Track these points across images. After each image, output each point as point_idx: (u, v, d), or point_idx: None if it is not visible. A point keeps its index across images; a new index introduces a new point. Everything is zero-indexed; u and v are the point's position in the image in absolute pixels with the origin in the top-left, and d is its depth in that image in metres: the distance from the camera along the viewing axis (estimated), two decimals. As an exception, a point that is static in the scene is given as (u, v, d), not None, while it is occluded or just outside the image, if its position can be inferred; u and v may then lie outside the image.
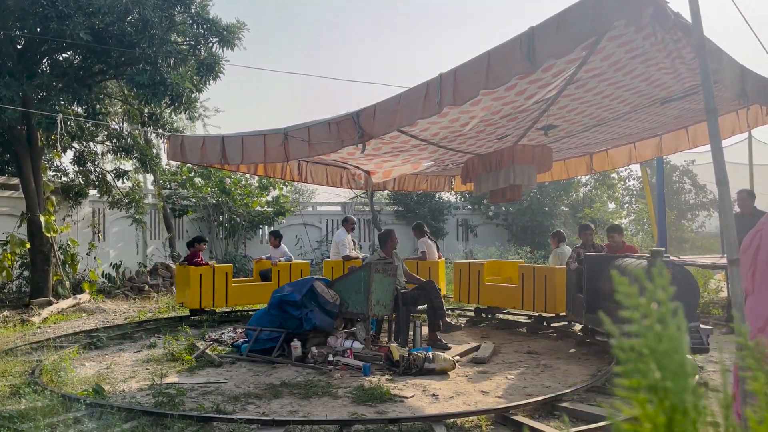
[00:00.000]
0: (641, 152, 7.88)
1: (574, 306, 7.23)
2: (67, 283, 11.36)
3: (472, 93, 4.01)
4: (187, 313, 9.26)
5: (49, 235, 10.48)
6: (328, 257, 17.76)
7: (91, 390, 5.01)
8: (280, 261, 10.03)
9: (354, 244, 10.31)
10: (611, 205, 20.25)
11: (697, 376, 5.85)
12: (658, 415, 0.55)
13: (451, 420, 4.51)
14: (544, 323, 8.17)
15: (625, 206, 20.96)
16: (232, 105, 57.57)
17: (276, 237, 10.77)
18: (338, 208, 19.83)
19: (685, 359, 0.56)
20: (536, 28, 3.75)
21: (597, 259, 6.63)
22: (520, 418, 4.53)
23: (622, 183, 21.04)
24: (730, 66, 4.50)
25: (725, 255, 10.78)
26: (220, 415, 4.54)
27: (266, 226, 18.19)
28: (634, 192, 21.27)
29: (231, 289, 9.06)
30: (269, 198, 17.62)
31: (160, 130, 12.20)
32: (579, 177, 17.89)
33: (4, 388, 5.30)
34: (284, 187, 17.95)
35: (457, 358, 6.49)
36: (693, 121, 6.63)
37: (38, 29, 9.09)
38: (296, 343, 6.67)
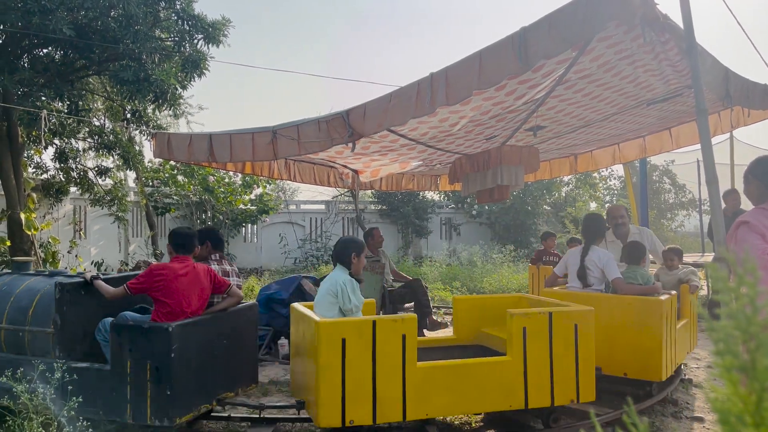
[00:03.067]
0: (625, 153, 7.98)
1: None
2: (48, 282, 11.20)
3: (465, 93, 4.03)
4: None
5: (29, 233, 10.32)
6: (313, 255, 17.86)
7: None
8: None
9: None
10: (593, 204, 20.49)
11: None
12: (748, 394, 0.57)
13: (441, 417, 4.54)
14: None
15: (606, 205, 21.20)
16: (217, 103, 57.20)
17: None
18: (322, 206, 19.81)
19: None
20: (527, 28, 3.77)
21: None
22: (509, 415, 4.57)
23: (604, 182, 21.29)
24: (715, 68, 4.58)
25: (705, 254, 10.91)
26: (211, 413, 4.53)
27: (249, 225, 18.12)
28: (615, 191, 21.55)
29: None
30: (253, 196, 17.55)
31: (143, 127, 12.07)
32: (561, 177, 18.08)
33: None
34: (267, 185, 17.89)
35: (445, 356, 6.52)
36: (677, 122, 6.74)
37: (20, 24, 8.94)
38: (283, 342, 6.66)
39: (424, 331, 7.28)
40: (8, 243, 10.25)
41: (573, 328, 4.23)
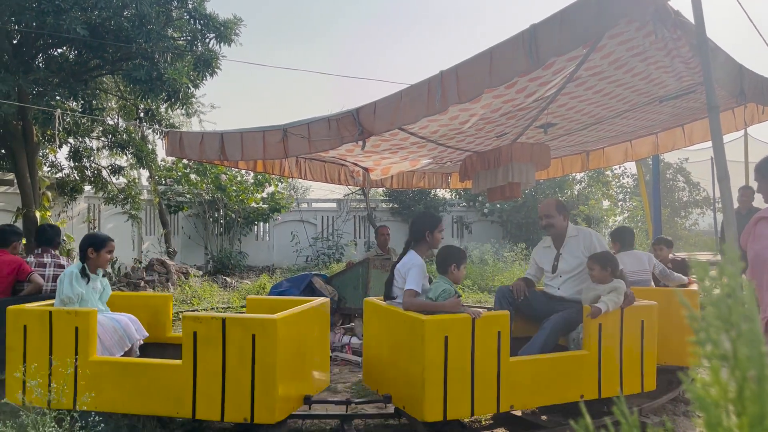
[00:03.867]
0: (637, 150, 7.91)
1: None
2: (63, 279, 11.32)
3: (476, 91, 4.02)
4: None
5: (44, 231, 10.44)
6: (325, 253, 17.92)
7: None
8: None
9: None
10: (605, 203, 20.36)
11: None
12: (729, 382, 0.58)
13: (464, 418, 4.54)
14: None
15: (620, 203, 21.08)
16: (229, 101, 57.40)
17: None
18: (334, 205, 19.86)
19: (757, 329, 0.59)
20: (538, 25, 3.76)
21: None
22: (519, 413, 4.56)
23: (617, 180, 21.14)
24: (728, 65, 4.54)
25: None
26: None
27: (262, 223, 18.20)
28: (628, 189, 21.40)
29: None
30: (264, 194, 17.63)
31: (156, 126, 12.17)
32: (573, 174, 17.98)
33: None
34: (279, 184, 17.98)
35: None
36: (690, 119, 6.67)
37: (34, 24, 9.05)
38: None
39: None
40: (24, 241, 10.37)
41: (251, 339, 3.78)
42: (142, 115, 12.34)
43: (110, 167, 12.82)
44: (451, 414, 3.87)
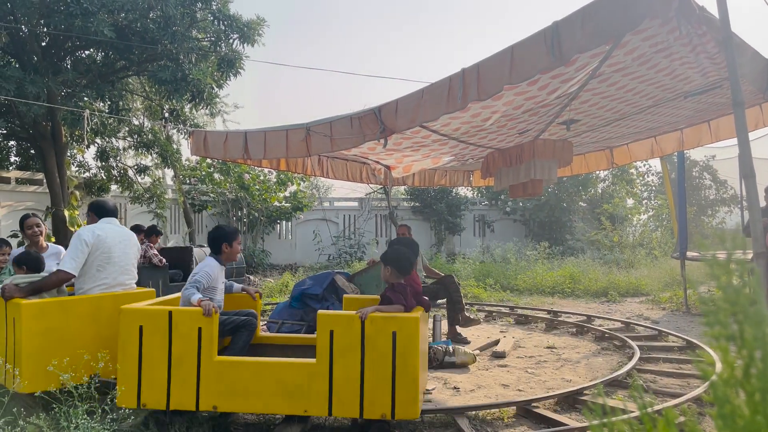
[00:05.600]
0: (662, 146, 7.82)
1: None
2: (91, 277, 11.54)
3: (497, 88, 4.02)
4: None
5: (73, 229, 10.66)
6: (346, 251, 17.99)
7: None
8: None
9: None
10: (630, 201, 20.11)
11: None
12: (736, 360, 0.59)
13: (473, 412, 4.56)
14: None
15: (644, 202, 20.80)
16: (253, 101, 57.87)
17: None
18: (355, 204, 19.93)
19: (764, 311, 0.61)
20: (560, 23, 3.75)
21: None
22: (542, 411, 4.56)
23: (641, 178, 20.88)
24: (755, 60, 4.47)
25: (747, 251, 10.71)
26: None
27: (284, 222, 18.34)
28: (653, 187, 21.11)
29: None
30: (287, 193, 17.77)
31: (181, 126, 12.35)
32: (597, 172, 17.80)
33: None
34: (302, 183, 18.10)
35: (477, 351, 6.52)
36: (716, 114, 6.58)
37: (63, 26, 9.24)
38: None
39: (457, 328, 7.29)
40: (53, 239, 10.60)
41: None
42: (167, 115, 12.52)
43: (136, 167, 13.04)
44: None
